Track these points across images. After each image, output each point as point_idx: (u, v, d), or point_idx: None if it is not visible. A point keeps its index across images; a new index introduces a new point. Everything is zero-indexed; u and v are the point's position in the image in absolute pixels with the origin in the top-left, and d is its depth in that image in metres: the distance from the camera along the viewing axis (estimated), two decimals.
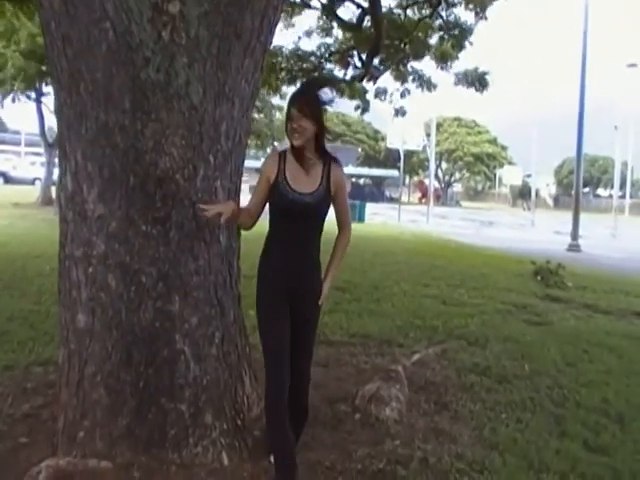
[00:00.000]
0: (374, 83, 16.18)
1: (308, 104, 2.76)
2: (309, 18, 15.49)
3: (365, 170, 57.50)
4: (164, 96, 2.92)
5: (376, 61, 14.85)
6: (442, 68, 14.76)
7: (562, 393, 4.37)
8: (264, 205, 2.85)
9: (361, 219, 22.88)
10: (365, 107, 17.02)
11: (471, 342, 5.65)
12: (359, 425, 3.55)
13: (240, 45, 3.14)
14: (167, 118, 2.92)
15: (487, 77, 14.51)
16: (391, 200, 51.69)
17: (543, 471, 3.18)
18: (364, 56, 13.73)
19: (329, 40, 15.08)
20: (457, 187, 74.47)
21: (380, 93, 16.63)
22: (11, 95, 20.08)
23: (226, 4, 3.02)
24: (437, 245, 15.26)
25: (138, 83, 2.87)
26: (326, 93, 2.86)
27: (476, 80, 14.70)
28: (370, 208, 31.38)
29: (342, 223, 2.99)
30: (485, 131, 61.32)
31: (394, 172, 48.74)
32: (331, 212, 2.91)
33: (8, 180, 37.27)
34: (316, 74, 15.91)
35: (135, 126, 2.88)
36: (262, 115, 32.67)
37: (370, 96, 16.69)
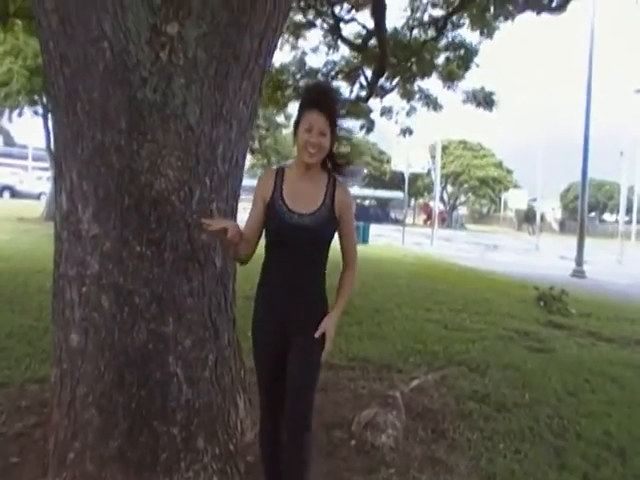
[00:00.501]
0: (381, 99, 16.24)
1: (335, 109, 2.46)
2: (315, 35, 15.60)
3: (370, 192, 57.60)
4: (160, 117, 2.91)
5: (382, 80, 14.96)
6: (449, 87, 14.89)
7: (562, 424, 4.30)
8: (261, 231, 2.54)
9: (365, 240, 22.85)
10: (370, 127, 17.11)
11: (472, 368, 5.58)
12: (354, 452, 3.50)
13: (238, 67, 3.15)
14: (163, 139, 2.91)
15: (493, 97, 14.63)
16: (396, 222, 51.72)
17: None
18: (370, 75, 13.84)
19: (336, 57, 15.20)
20: (462, 210, 74.41)
21: (386, 112, 16.71)
22: (17, 110, 20.40)
23: (225, 26, 3.03)
24: (440, 268, 15.18)
25: (135, 103, 2.87)
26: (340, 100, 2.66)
27: (483, 99, 14.82)
28: (374, 229, 31.34)
29: (347, 258, 2.61)
30: (490, 154, 61.36)
31: (399, 194, 48.85)
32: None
33: (15, 194, 37.41)
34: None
35: (131, 146, 2.88)
36: (268, 133, 32.84)
37: (376, 115, 16.79)
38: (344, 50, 14.64)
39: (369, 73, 13.75)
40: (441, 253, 21.99)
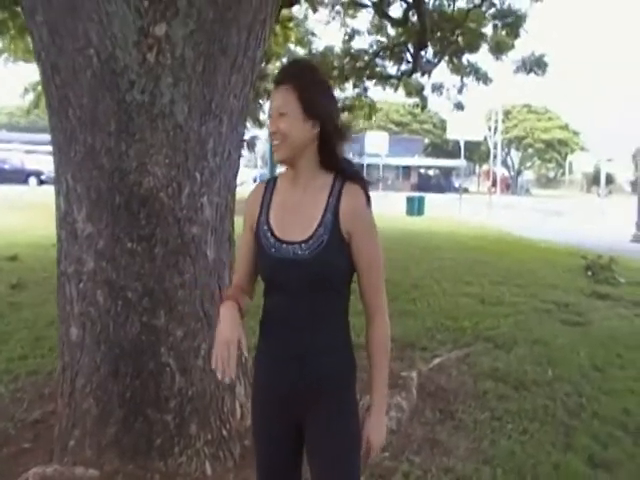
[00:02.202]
0: (427, 75, 16.02)
1: (305, 80, 1.70)
2: (360, 17, 15.43)
3: (432, 161, 56.76)
4: (149, 117, 3.00)
5: (430, 54, 14.71)
6: (498, 58, 14.51)
7: (580, 402, 4.24)
8: (256, 267, 1.84)
9: (420, 212, 22.65)
10: (424, 104, 16.86)
11: (498, 345, 5.54)
12: None
13: (227, 62, 3.19)
14: (151, 138, 3.00)
15: (545, 59, 14.18)
16: (460, 190, 50.83)
17: None
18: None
19: (381, 37, 15.00)
20: (528, 175, 72.32)
21: (437, 88, 16.46)
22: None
23: (211, 22, 3.07)
24: (491, 239, 14.90)
25: (123, 106, 2.96)
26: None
27: (534, 64, 14.39)
28: (435, 199, 31.00)
29: (370, 304, 1.80)
30: (556, 117, 59.23)
31: (462, 162, 48.02)
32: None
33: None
34: (368, 72, 15.89)
35: (120, 147, 2.98)
36: None
37: (428, 91, 16.56)
38: (390, 30, 14.45)
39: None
40: (498, 222, 21.53)
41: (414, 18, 12.41)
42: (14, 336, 5.40)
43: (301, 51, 16.65)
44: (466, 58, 15.02)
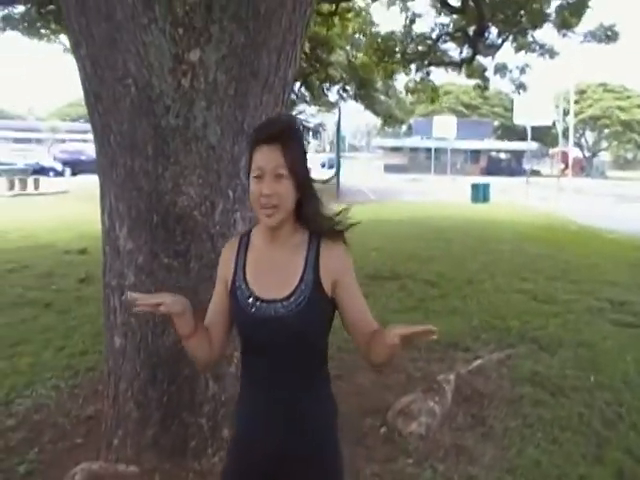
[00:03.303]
0: (492, 58, 15.74)
1: (294, 141, 1.71)
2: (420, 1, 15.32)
3: (501, 144, 55.39)
4: (183, 140, 3.19)
5: (493, 35, 14.45)
6: (564, 35, 14.15)
7: (619, 412, 4.16)
8: (227, 326, 1.84)
9: (485, 199, 22.28)
10: (485, 85, 16.59)
11: (542, 347, 5.52)
12: (381, 440, 3.69)
13: (258, 83, 3.34)
14: (185, 160, 3.20)
15: (615, 29, 13.76)
16: (532, 173, 49.51)
17: None
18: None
19: (442, 20, 14.84)
20: (605, 156, 69.42)
21: (499, 70, 16.15)
22: None
23: (242, 46, 3.23)
24: (554, 229, 14.54)
25: (159, 131, 3.17)
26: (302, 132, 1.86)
27: (604, 35, 14.00)
28: (502, 184, 30.32)
29: (370, 328, 1.73)
30: (636, 95, 56.47)
31: (533, 144, 46.63)
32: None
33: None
34: (431, 55, 15.75)
35: (157, 170, 3.19)
36: (390, 98, 33.09)
37: (490, 73, 16.28)
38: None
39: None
40: (566, 208, 20.92)
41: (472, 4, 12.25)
42: (79, 330, 5.80)
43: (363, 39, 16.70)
44: (531, 35, 14.73)
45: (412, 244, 11.70)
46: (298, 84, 31.38)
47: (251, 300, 1.72)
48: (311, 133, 40.83)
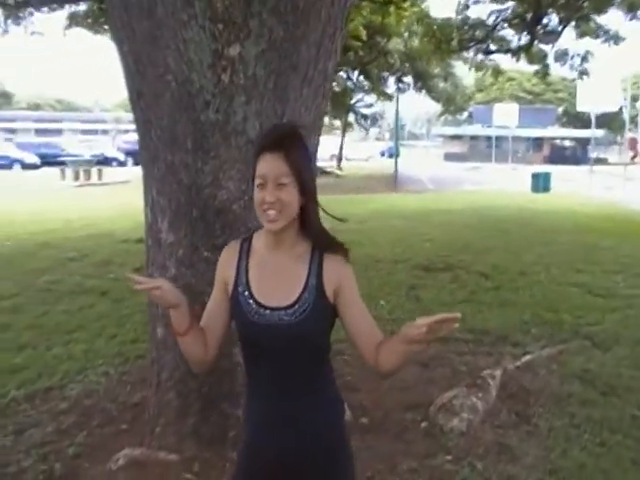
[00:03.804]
0: (553, 46, 15.29)
1: (298, 150, 1.71)
2: None
3: (565, 131, 53.69)
4: (222, 135, 3.23)
5: (554, 20, 14.03)
6: (631, 19, 13.60)
7: None
8: (223, 326, 1.85)
9: (546, 189, 21.66)
10: (545, 72, 16.12)
11: (596, 343, 5.34)
12: (421, 435, 3.65)
13: (297, 77, 3.35)
14: (225, 154, 3.23)
15: None
16: (598, 162, 47.81)
17: None
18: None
19: (501, 6, 14.48)
20: None
21: (560, 57, 15.65)
22: None
23: (281, 40, 3.23)
24: (617, 219, 13.96)
25: (199, 125, 3.21)
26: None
27: None
28: (567, 173, 29.39)
29: (376, 338, 1.73)
30: None
31: (599, 131, 44.97)
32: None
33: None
34: (488, 42, 15.42)
35: (196, 164, 3.24)
36: (449, 83, 32.85)
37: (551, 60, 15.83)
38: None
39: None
40: (632, 198, 20.07)
41: None
42: (131, 319, 5.97)
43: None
44: (594, 21, 14.24)
45: (468, 234, 11.51)
46: (356, 73, 31.36)
47: (254, 307, 1.72)
48: (369, 121, 40.77)
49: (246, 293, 1.74)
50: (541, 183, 21.57)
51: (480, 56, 16.39)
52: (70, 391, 4.31)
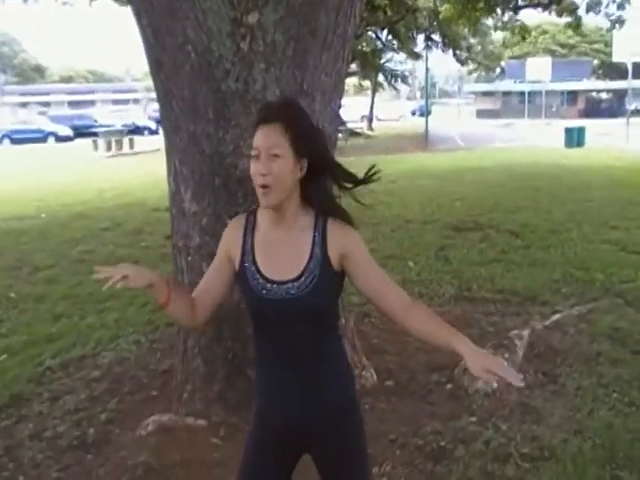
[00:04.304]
0: None
1: (295, 119, 1.70)
2: None
3: (601, 84, 51.96)
4: (242, 103, 3.22)
5: None
6: None
7: None
8: (217, 296, 1.87)
9: (580, 144, 21.13)
10: (578, 23, 15.59)
11: (628, 301, 5.25)
12: (446, 397, 3.67)
13: (316, 43, 3.31)
14: (245, 123, 3.22)
15: None
16: (634, 114, 46.25)
17: (624, 467, 2.90)
18: None
19: None
20: None
21: (592, 7, 15.09)
22: None
23: (300, 6, 3.19)
24: None
25: (219, 95, 3.21)
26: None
27: None
28: (604, 127, 28.59)
29: (395, 303, 1.72)
30: None
31: (637, 82, 43.37)
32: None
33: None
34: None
35: (218, 133, 3.25)
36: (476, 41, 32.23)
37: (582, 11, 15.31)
38: None
39: None
40: None
41: None
42: None
43: None
44: None
45: (498, 193, 11.35)
46: (385, 32, 30.74)
47: (261, 281, 1.72)
48: (400, 80, 40.09)
49: (252, 268, 1.74)
50: (575, 138, 21.05)
51: (507, 15, 15.90)
52: (102, 359, 4.44)
